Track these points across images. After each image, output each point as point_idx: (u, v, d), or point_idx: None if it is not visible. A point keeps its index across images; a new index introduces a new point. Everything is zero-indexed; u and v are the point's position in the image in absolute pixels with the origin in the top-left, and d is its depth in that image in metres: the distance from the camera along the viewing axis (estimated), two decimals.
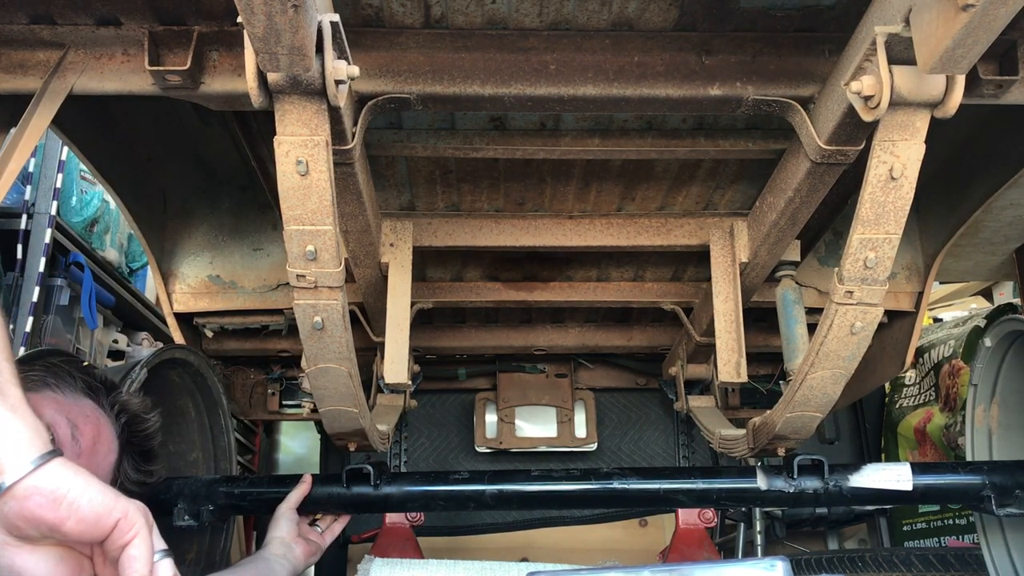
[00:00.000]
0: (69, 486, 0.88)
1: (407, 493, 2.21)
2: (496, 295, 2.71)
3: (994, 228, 2.77)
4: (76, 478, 0.89)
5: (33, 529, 0.87)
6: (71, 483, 0.88)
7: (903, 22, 1.31)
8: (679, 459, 3.58)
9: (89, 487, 0.89)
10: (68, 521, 0.87)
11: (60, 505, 0.87)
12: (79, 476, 0.90)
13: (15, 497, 0.86)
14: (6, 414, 0.89)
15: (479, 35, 1.68)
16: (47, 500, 0.87)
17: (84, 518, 0.88)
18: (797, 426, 2.07)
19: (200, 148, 2.43)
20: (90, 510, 0.88)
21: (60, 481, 0.88)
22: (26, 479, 0.86)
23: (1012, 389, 2.40)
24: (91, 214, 4.88)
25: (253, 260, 2.62)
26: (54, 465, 0.88)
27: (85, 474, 0.90)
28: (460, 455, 3.57)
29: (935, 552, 3.01)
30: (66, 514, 0.87)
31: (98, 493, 0.90)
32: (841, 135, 1.64)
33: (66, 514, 0.87)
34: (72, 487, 0.88)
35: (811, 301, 2.58)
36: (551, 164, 2.20)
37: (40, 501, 0.86)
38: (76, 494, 0.88)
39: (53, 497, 0.87)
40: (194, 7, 1.57)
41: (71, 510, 0.87)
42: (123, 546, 0.90)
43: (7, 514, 0.86)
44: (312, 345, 1.79)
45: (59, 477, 0.88)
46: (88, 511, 0.88)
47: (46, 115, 1.60)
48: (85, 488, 0.89)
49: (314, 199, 1.51)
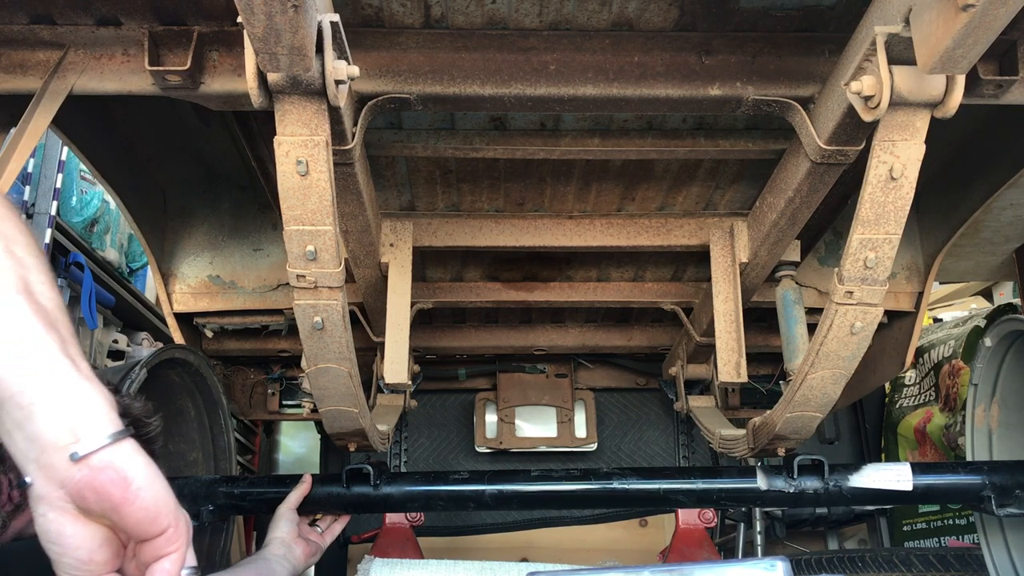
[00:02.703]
0: (140, 471, 0.87)
1: (407, 493, 2.21)
2: (496, 295, 2.71)
3: (994, 228, 2.77)
4: (148, 465, 0.88)
5: (97, 503, 0.86)
6: (143, 468, 0.88)
7: (903, 22, 1.31)
8: (679, 459, 3.58)
9: (157, 479, 0.89)
10: (131, 506, 0.86)
11: (129, 487, 0.86)
12: (152, 466, 0.89)
13: (89, 466, 0.85)
14: (84, 383, 0.88)
15: (479, 35, 1.68)
16: (118, 477, 0.85)
17: (146, 508, 0.87)
18: (797, 426, 2.07)
19: (200, 148, 2.43)
20: (153, 504, 0.87)
21: (133, 462, 0.87)
22: (102, 451, 0.85)
23: (1012, 389, 2.40)
24: (91, 214, 4.88)
25: (253, 260, 2.62)
26: (129, 444, 0.88)
27: (154, 465, 0.89)
28: (460, 455, 3.57)
29: (935, 552, 3.01)
30: (132, 497, 0.86)
31: (163, 489, 0.89)
32: (841, 135, 1.64)
33: (132, 497, 0.86)
34: (143, 473, 0.87)
35: (811, 301, 2.58)
36: (551, 164, 2.20)
37: (112, 476, 0.85)
38: (145, 481, 0.87)
39: (123, 476, 0.86)
40: (194, 7, 1.57)
41: (137, 495, 0.86)
42: (160, 555, 0.89)
43: (78, 482, 0.85)
44: (312, 345, 1.79)
45: (133, 458, 0.87)
46: (151, 503, 0.87)
47: (46, 115, 1.60)
48: (154, 478, 0.88)
49: (314, 199, 1.51)
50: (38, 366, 0.86)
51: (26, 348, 0.86)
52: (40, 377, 0.86)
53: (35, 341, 0.87)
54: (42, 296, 0.91)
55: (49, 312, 0.91)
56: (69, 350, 0.90)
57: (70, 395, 0.87)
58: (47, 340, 0.88)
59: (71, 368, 0.88)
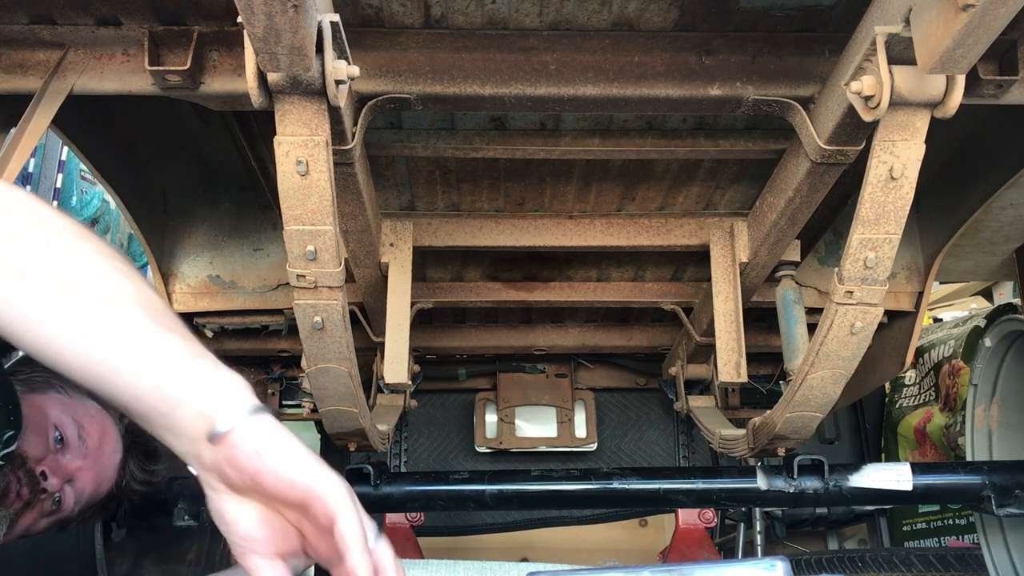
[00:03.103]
0: (273, 442, 0.91)
1: (407, 493, 2.21)
2: (496, 295, 2.71)
3: (994, 228, 2.77)
4: (282, 437, 0.92)
5: (239, 477, 0.91)
6: (275, 440, 0.92)
7: (903, 22, 1.31)
8: (679, 459, 3.58)
9: (291, 449, 0.92)
10: (265, 475, 0.90)
11: (261, 457, 0.90)
12: (285, 436, 0.93)
13: (227, 444, 0.90)
14: (216, 367, 0.94)
15: (479, 35, 1.68)
16: (251, 450, 0.90)
17: (279, 477, 0.90)
18: (797, 426, 2.07)
19: (200, 148, 2.43)
20: (286, 471, 0.91)
21: (266, 435, 0.91)
22: (239, 428, 0.90)
23: (1012, 389, 2.41)
24: (91, 214, 4.89)
25: (253, 260, 2.62)
26: (265, 418, 0.92)
27: (293, 437, 0.93)
28: (460, 455, 3.57)
29: (935, 552, 3.01)
30: (264, 467, 0.90)
31: (298, 457, 0.92)
32: (841, 135, 1.64)
33: (264, 467, 0.90)
34: (275, 443, 0.91)
35: (811, 301, 2.58)
36: (551, 164, 2.20)
37: (245, 450, 0.90)
38: (276, 451, 0.91)
39: (255, 448, 0.90)
40: (194, 7, 1.57)
41: (268, 465, 0.90)
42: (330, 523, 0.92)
43: (220, 461, 0.91)
44: (312, 345, 1.79)
45: (266, 431, 0.92)
46: (284, 471, 0.90)
47: (46, 115, 1.60)
48: (287, 449, 0.92)
49: (314, 199, 1.51)
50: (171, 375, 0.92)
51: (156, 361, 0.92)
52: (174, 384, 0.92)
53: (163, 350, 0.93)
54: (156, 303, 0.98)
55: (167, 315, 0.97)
56: (194, 347, 0.95)
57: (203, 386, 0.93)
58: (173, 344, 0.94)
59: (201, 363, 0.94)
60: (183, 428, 0.92)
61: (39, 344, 0.93)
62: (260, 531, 0.93)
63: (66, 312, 0.92)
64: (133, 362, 0.92)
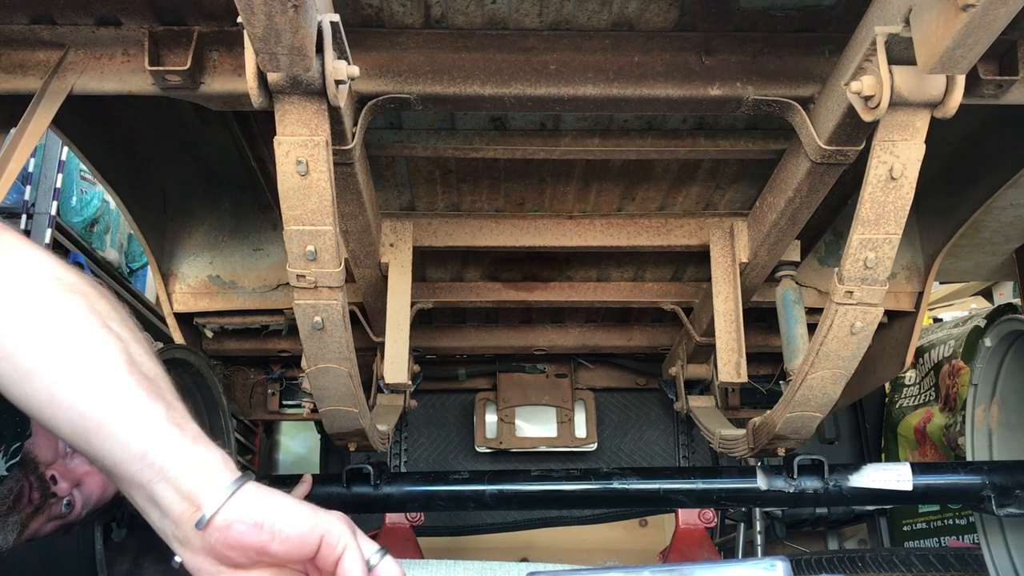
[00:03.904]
0: (268, 509, 0.89)
1: (407, 493, 2.21)
2: (496, 295, 2.71)
3: (994, 228, 2.77)
4: (274, 500, 0.90)
5: (241, 555, 0.88)
6: (270, 506, 0.89)
7: (903, 22, 1.31)
8: (679, 459, 3.58)
9: (288, 507, 0.90)
10: (273, 543, 0.88)
11: (262, 529, 0.87)
12: (275, 497, 0.91)
13: (217, 528, 0.87)
14: (192, 446, 0.90)
15: (479, 35, 1.68)
16: (249, 526, 0.87)
17: (288, 539, 0.88)
18: (797, 426, 2.07)
19: (200, 148, 2.43)
20: (294, 530, 0.89)
21: (258, 505, 0.89)
22: (225, 508, 0.87)
23: (1012, 389, 2.41)
24: (91, 214, 4.89)
25: (253, 260, 2.62)
26: (249, 489, 0.90)
27: (280, 495, 0.91)
28: (460, 455, 3.57)
29: (935, 552, 3.01)
30: (269, 537, 0.87)
31: (298, 512, 0.90)
32: (841, 135, 1.64)
33: (269, 537, 0.87)
34: (271, 509, 0.89)
35: (811, 301, 2.58)
36: (551, 164, 2.20)
37: (242, 528, 0.87)
38: (276, 516, 0.89)
39: (254, 522, 0.87)
40: (194, 7, 1.56)
41: (274, 532, 0.88)
42: (335, 562, 0.90)
43: (215, 545, 0.87)
44: (312, 345, 1.79)
45: (256, 501, 0.89)
46: (292, 531, 0.88)
47: (46, 115, 1.60)
48: (284, 509, 0.90)
49: (314, 199, 1.51)
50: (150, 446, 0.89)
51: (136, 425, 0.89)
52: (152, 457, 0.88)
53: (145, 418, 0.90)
54: (143, 366, 0.94)
55: (152, 381, 0.93)
56: (175, 416, 0.92)
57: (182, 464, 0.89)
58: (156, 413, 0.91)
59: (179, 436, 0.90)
60: (164, 509, 0.89)
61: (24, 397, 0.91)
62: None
63: (52, 368, 0.89)
64: (115, 425, 0.89)
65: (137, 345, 0.96)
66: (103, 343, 0.93)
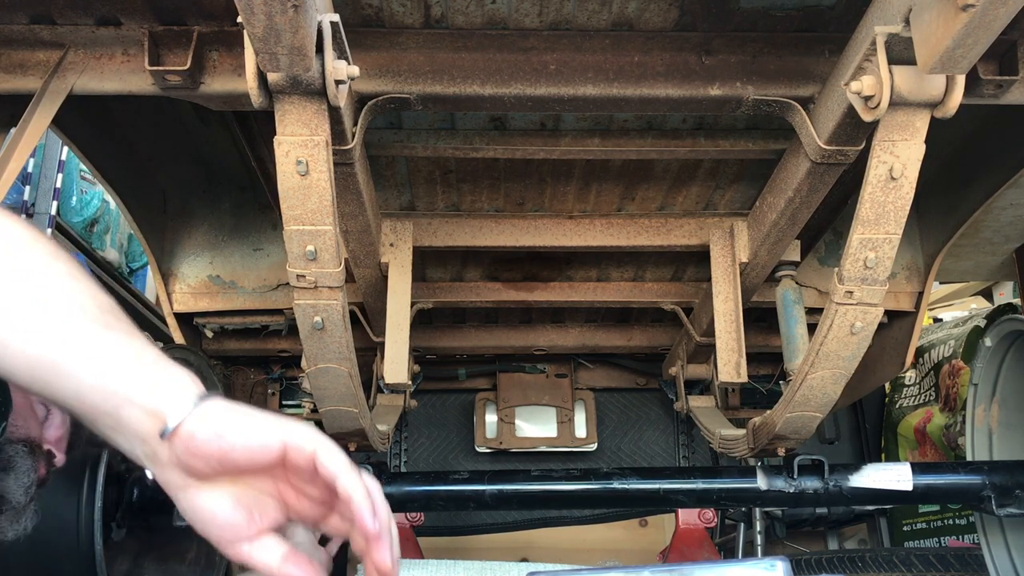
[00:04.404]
0: (230, 419, 0.91)
1: (407, 493, 2.21)
2: (496, 295, 2.71)
3: (994, 228, 2.77)
4: (237, 411, 0.93)
5: (206, 464, 0.90)
6: (232, 416, 0.91)
7: (903, 22, 1.31)
8: (679, 459, 3.58)
9: (251, 417, 0.93)
10: (234, 451, 0.90)
11: (223, 437, 0.89)
12: (240, 409, 0.93)
13: (181, 438, 0.89)
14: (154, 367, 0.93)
15: (479, 35, 1.68)
16: (210, 434, 0.89)
17: (249, 446, 0.90)
18: (797, 426, 2.07)
19: (200, 148, 2.43)
20: (254, 438, 0.90)
21: (221, 416, 0.91)
22: (189, 418, 0.89)
23: (1013, 389, 2.41)
24: (91, 214, 4.89)
25: (253, 260, 2.62)
26: (214, 402, 0.92)
27: (248, 409, 0.94)
28: (460, 455, 3.57)
29: (935, 552, 3.01)
30: (229, 445, 0.89)
31: (261, 421, 0.93)
32: (841, 135, 1.64)
33: (229, 445, 0.89)
34: (233, 419, 0.91)
35: (811, 301, 2.58)
36: (551, 164, 2.20)
37: (204, 436, 0.89)
38: (237, 424, 0.91)
39: (215, 431, 0.89)
40: (194, 7, 1.56)
41: (235, 440, 0.90)
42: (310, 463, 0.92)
43: (180, 455, 0.90)
44: (312, 345, 1.79)
45: (220, 412, 0.91)
46: (253, 439, 0.90)
47: (46, 115, 1.60)
48: (247, 419, 0.92)
49: (314, 199, 1.51)
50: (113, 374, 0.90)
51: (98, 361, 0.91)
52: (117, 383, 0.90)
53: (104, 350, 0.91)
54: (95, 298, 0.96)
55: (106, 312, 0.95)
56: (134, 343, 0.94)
57: (147, 385, 0.91)
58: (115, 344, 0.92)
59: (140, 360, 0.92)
60: (132, 428, 0.90)
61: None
62: (239, 514, 0.93)
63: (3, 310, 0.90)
64: (73, 360, 0.90)
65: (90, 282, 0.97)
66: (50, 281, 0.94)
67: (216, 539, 0.94)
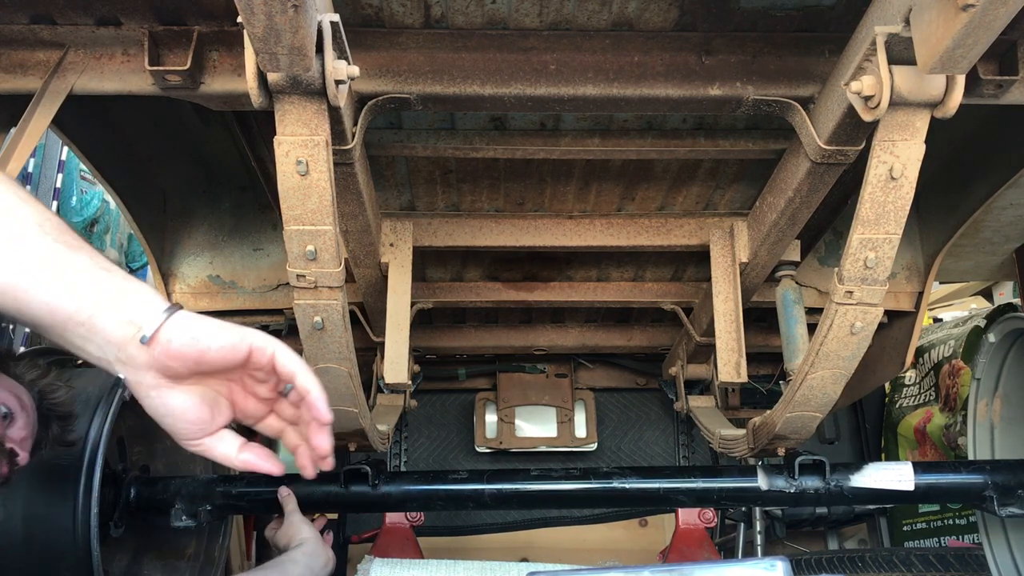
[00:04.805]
0: (202, 325, 1.04)
1: (406, 493, 2.21)
2: (496, 295, 2.71)
3: (994, 228, 2.77)
4: (204, 319, 1.05)
5: (182, 365, 1.02)
6: (202, 323, 1.04)
7: (903, 22, 1.31)
8: (679, 459, 3.58)
9: (218, 324, 1.05)
10: (208, 353, 1.02)
11: (199, 340, 1.02)
12: (206, 318, 1.05)
13: (159, 343, 1.00)
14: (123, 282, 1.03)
15: (479, 35, 1.68)
16: (187, 338, 1.01)
17: (222, 347, 1.03)
18: (797, 426, 2.07)
19: (200, 148, 2.43)
20: (226, 340, 1.04)
21: (193, 323, 1.03)
22: (165, 326, 1.01)
23: (1015, 385, 2.41)
24: (91, 214, 4.89)
25: (253, 260, 2.62)
26: (182, 313, 1.04)
27: (209, 318, 1.05)
28: (460, 455, 3.57)
29: (935, 552, 3.01)
30: (205, 347, 1.02)
31: (228, 327, 1.06)
32: (841, 135, 1.64)
33: (205, 347, 1.02)
34: (204, 325, 1.04)
35: (811, 301, 2.58)
36: (551, 164, 2.20)
37: (182, 339, 1.01)
38: (209, 329, 1.04)
39: (190, 335, 1.02)
40: (194, 7, 1.56)
41: (209, 342, 1.03)
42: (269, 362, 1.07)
43: (158, 357, 1.01)
44: (312, 345, 1.79)
45: (191, 320, 1.03)
46: (224, 341, 1.04)
47: (46, 115, 1.60)
48: (215, 325, 1.05)
49: (314, 199, 1.51)
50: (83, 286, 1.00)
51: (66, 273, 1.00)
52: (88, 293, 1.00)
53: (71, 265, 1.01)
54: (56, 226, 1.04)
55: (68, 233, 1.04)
56: (100, 261, 1.04)
57: (118, 296, 1.01)
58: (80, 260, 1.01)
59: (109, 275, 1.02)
60: (106, 336, 1.00)
61: None
62: (204, 410, 1.06)
63: None
64: (46, 277, 0.99)
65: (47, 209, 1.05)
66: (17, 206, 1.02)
67: (182, 433, 1.07)
